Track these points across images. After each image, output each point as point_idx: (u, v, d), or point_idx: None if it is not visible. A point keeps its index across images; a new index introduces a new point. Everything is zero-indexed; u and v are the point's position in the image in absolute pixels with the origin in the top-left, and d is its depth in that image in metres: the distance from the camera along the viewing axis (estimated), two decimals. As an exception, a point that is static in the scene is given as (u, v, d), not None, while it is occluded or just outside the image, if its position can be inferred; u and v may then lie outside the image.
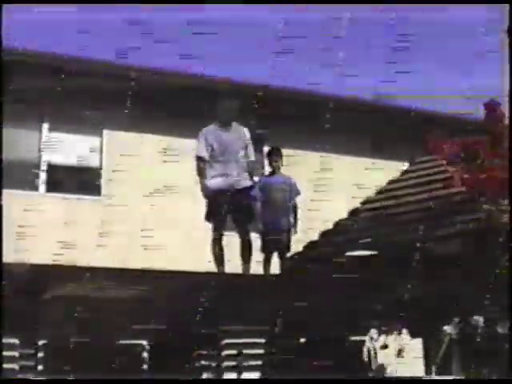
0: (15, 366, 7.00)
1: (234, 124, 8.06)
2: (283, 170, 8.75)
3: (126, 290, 6.75)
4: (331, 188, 10.69)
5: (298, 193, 8.75)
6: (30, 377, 7.00)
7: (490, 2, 8.10)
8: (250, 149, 8.07)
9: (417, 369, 8.06)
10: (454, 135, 9.01)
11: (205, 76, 10.90)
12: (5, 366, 6.92)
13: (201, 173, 7.88)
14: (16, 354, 7.04)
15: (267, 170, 9.18)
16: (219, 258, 7.79)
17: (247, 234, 7.97)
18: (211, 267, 7.89)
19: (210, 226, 7.82)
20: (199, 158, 7.91)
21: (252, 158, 8.08)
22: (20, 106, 10.03)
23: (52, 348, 7.07)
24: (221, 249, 7.81)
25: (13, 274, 6.17)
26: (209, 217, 7.86)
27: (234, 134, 8.00)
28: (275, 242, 8.48)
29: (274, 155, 8.73)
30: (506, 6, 7.27)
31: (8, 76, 8.92)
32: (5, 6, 6.63)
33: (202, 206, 7.88)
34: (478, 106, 9.00)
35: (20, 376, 7.01)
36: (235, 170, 7.86)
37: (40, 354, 7.06)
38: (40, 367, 7.04)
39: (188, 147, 9.25)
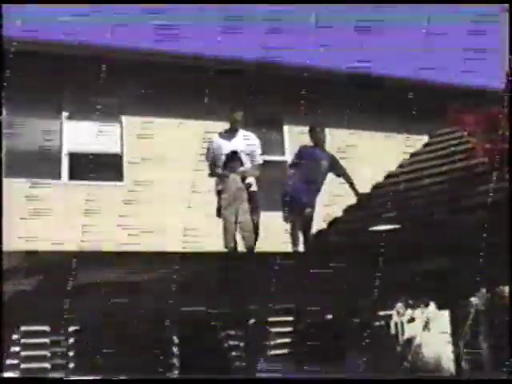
0: (47, 353, 7.11)
1: (241, 131, 8.64)
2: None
3: (153, 273, 6.79)
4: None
5: (339, 172, 8.90)
6: (60, 361, 7.11)
7: (490, 2, 8.06)
8: (257, 153, 8.64)
9: (444, 341, 8.08)
10: (475, 106, 8.93)
11: (220, 58, 10.86)
12: (36, 353, 7.05)
13: (210, 175, 8.59)
14: (47, 340, 7.14)
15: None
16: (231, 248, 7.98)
17: (251, 224, 8.19)
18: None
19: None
20: (209, 164, 8.62)
21: (259, 161, 8.64)
22: (39, 95, 10.09)
23: (82, 334, 7.16)
24: (234, 240, 8.03)
25: (41, 263, 6.23)
26: (218, 212, 8.26)
27: (239, 141, 8.54)
28: (299, 213, 8.53)
29: (317, 130, 8.99)
30: (506, 6, 7.23)
31: (26, 66, 9.00)
32: (5, 6, 6.66)
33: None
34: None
35: (52, 361, 7.12)
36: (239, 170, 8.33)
37: (71, 341, 7.17)
38: (71, 353, 7.15)
39: (206, 129, 9.34)
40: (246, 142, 8.65)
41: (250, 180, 8.52)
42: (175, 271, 6.59)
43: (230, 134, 8.68)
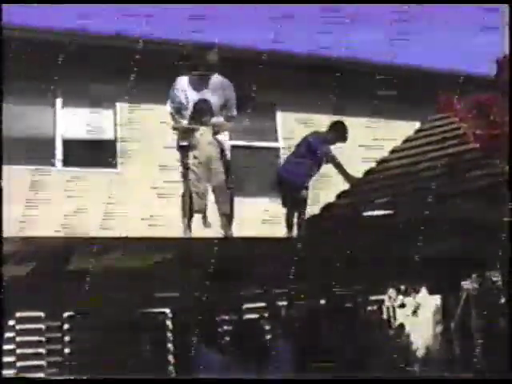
0: (42, 339, 7.17)
1: (215, 76, 7.46)
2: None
3: (146, 259, 6.84)
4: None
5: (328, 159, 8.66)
6: (56, 347, 7.17)
7: (490, 2, 8.09)
8: (231, 103, 7.48)
9: (435, 326, 8.16)
10: (466, 92, 8.97)
11: (216, 45, 10.86)
12: (32, 338, 7.11)
13: (174, 128, 7.42)
14: (42, 326, 7.21)
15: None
16: (188, 214, 7.23)
17: (226, 188, 7.46)
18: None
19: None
20: (170, 113, 7.46)
21: (233, 112, 7.51)
22: (33, 82, 10.10)
23: (77, 319, 7.22)
24: (190, 205, 7.16)
25: (35, 249, 6.28)
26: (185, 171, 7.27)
27: (212, 87, 7.41)
28: (294, 197, 8.53)
29: (340, 126, 8.72)
30: (506, 6, 7.29)
31: (20, 53, 9.00)
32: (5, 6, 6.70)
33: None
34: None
35: (48, 347, 7.19)
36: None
37: (66, 326, 7.23)
38: (66, 338, 7.22)
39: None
40: (219, 90, 7.38)
41: (223, 135, 7.42)
42: (165, 257, 6.64)
43: (200, 78, 7.36)
